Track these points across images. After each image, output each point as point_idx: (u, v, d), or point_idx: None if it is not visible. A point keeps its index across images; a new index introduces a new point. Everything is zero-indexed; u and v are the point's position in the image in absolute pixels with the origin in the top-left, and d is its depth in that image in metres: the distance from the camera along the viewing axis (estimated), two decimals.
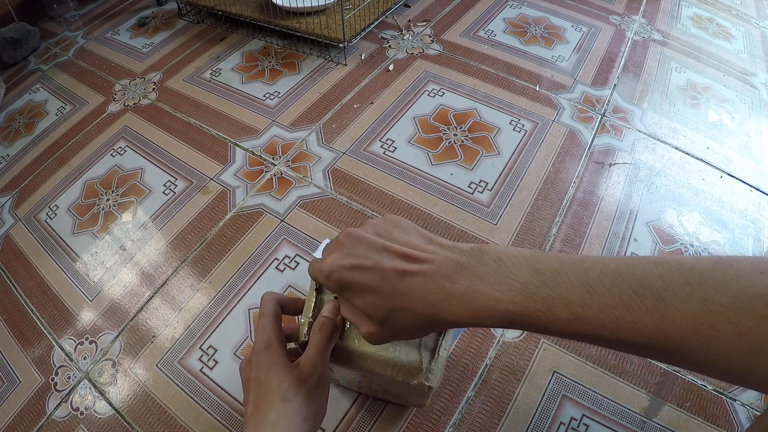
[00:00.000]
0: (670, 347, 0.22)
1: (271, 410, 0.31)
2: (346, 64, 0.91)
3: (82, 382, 0.56)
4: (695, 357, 0.22)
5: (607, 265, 0.24)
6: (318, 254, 0.39)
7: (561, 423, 0.50)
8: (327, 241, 0.41)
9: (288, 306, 0.39)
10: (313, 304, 0.38)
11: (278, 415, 0.31)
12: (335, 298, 0.38)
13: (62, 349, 0.59)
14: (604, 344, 0.24)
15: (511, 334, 0.56)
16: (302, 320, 0.38)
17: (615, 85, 0.87)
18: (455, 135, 0.77)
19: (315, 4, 0.91)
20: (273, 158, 0.76)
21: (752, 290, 0.21)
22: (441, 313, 0.26)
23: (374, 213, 0.67)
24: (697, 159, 0.76)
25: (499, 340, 0.56)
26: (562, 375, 0.53)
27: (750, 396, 0.53)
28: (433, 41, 0.95)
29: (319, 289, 0.40)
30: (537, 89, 0.85)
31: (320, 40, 0.90)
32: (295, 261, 0.63)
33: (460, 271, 0.26)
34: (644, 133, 0.79)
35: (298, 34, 0.91)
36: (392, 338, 0.30)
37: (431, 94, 0.84)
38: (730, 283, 0.21)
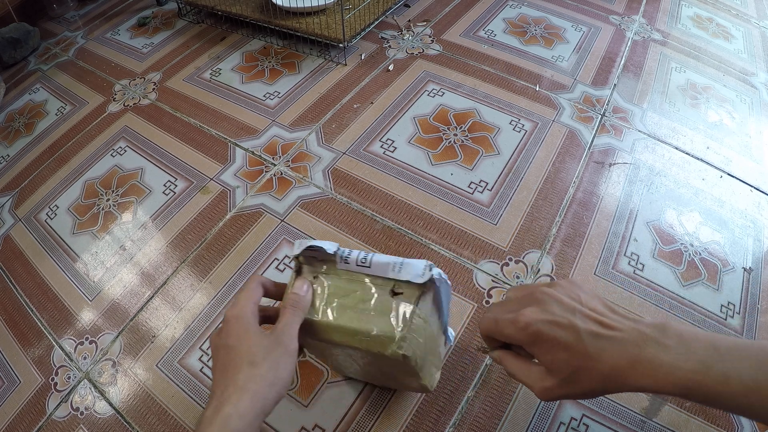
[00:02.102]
0: None
1: (239, 374, 0.32)
2: (346, 64, 0.91)
3: (82, 382, 0.56)
4: None
5: None
6: (326, 246, 0.39)
7: (561, 423, 0.50)
8: (334, 245, 0.40)
9: (270, 289, 0.40)
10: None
11: (245, 379, 0.32)
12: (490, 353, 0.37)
13: (62, 349, 0.59)
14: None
15: None
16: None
17: (615, 85, 0.87)
18: (455, 135, 0.77)
19: (315, 4, 0.91)
20: (273, 158, 0.76)
21: None
22: (625, 378, 0.28)
23: (374, 213, 0.67)
24: (697, 159, 0.76)
25: None
26: None
27: None
28: (433, 41, 0.95)
29: (298, 271, 0.40)
30: (537, 89, 0.85)
31: (320, 40, 0.90)
32: None
33: (647, 341, 0.28)
34: (644, 133, 0.79)
35: (298, 34, 0.91)
36: (564, 397, 0.31)
37: (431, 94, 0.84)
38: None
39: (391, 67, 0.90)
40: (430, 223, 0.66)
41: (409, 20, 1.02)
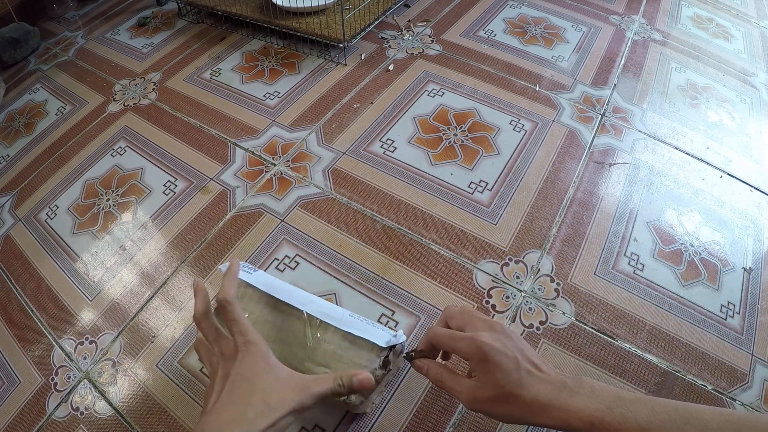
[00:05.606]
0: None
1: (249, 407, 0.34)
2: (346, 64, 0.91)
3: (82, 382, 0.56)
4: None
5: (668, 403, 0.34)
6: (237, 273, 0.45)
7: None
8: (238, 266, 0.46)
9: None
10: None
11: (255, 415, 0.34)
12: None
13: (62, 349, 0.59)
14: None
15: None
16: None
17: (615, 85, 0.87)
18: (455, 135, 0.77)
19: (315, 4, 0.91)
20: (273, 158, 0.76)
21: None
22: (542, 411, 0.35)
23: (374, 213, 0.67)
24: (697, 159, 0.76)
25: None
26: None
27: (750, 396, 0.53)
28: (433, 41, 0.95)
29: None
30: (537, 89, 0.85)
31: (320, 40, 0.90)
32: (295, 261, 0.63)
33: (565, 388, 0.36)
34: (644, 133, 0.79)
35: (298, 34, 0.91)
36: (487, 412, 0.37)
37: (431, 94, 0.84)
38: (755, 429, 0.30)
39: (391, 67, 0.90)
40: (430, 223, 0.66)
41: (409, 20, 1.02)
